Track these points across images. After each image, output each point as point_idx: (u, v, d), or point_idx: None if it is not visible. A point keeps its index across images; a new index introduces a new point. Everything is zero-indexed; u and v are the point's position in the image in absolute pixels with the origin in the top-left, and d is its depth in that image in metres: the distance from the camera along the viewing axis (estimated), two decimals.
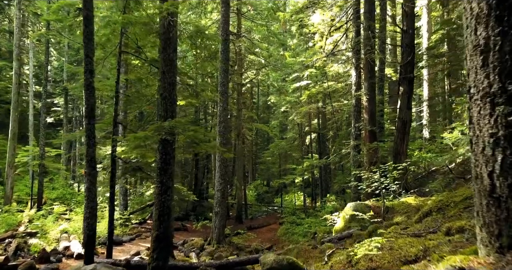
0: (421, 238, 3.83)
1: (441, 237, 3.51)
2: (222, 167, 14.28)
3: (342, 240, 7.73)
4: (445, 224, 3.83)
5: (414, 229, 4.60)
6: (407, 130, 12.27)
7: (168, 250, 6.75)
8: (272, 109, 39.38)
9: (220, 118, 14.44)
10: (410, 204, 8.11)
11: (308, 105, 23.46)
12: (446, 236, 3.49)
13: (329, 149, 26.80)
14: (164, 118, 6.83)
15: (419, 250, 3.16)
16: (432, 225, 4.63)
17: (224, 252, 13.68)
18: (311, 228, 16.19)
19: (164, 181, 6.81)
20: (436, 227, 4.29)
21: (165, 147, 6.83)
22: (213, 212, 14.37)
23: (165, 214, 6.71)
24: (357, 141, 12.94)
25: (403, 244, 3.54)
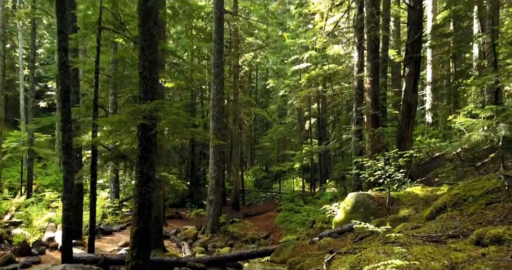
0: (441, 246, 3.13)
1: (469, 247, 2.81)
2: (216, 153, 13.57)
3: (342, 234, 7.07)
4: (474, 230, 3.13)
5: (429, 230, 3.89)
6: (413, 115, 11.50)
7: (149, 247, 6.10)
8: (271, 93, 38.47)
9: (213, 102, 13.65)
10: (417, 195, 7.42)
11: (308, 89, 22.59)
12: (476, 245, 2.80)
13: (329, 134, 26.08)
14: (143, 100, 6.06)
15: (444, 266, 2.46)
16: (450, 225, 3.92)
17: (219, 242, 13.12)
18: (310, 216, 15.62)
19: (145, 171, 6.08)
20: (457, 229, 3.58)
21: (145, 133, 6.09)
22: (207, 200, 13.74)
23: (145, 208, 6.02)
24: (358, 126, 12.18)
25: (421, 255, 2.84)
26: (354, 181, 12.02)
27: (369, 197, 7.72)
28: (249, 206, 22.66)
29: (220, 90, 13.68)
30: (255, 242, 13.53)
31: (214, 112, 13.59)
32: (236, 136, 21.00)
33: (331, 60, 21.35)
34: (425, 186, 8.04)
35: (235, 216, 18.62)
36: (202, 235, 13.50)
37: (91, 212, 8.24)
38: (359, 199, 7.75)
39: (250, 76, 31.98)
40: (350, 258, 3.73)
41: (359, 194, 7.89)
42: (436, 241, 3.27)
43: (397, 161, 7.85)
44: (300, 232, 14.05)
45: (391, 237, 4.42)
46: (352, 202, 7.84)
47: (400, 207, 7.18)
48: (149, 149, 6.16)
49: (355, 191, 11.85)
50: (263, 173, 35.66)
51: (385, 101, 16.88)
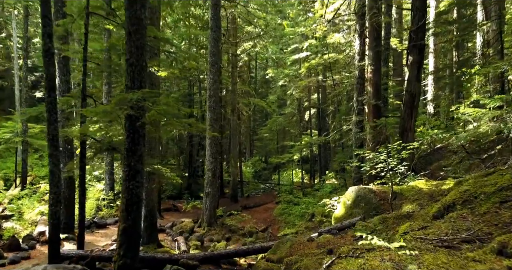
0: (456, 253, 2.77)
1: (491, 257, 2.45)
2: (212, 145, 13.19)
3: (342, 230, 6.73)
4: (493, 235, 2.77)
5: (438, 232, 3.53)
6: (416, 105, 11.09)
7: (137, 245, 5.76)
8: (270, 83, 37.97)
9: (210, 92, 13.21)
10: (421, 189, 7.06)
11: (308, 78, 22.12)
12: (498, 256, 2.44)
13: (329, 125, 25.69)
14: (131, 89, 5.65)
15: None
16: (462, 226, 3.56)
17: (215, 235, 12.83)
18: (309, 209, 15.33)
19: (133, 164, 5.71)
20: (471, 232, 3.21)
21: (133, 124, 5.69)
22: (204, 192, 13.41)
23: (134, 204, 5.66)
24: (359, 117, 11.78)
25: (434, 266, 2.48)
26: (354, 173, 11.67)
27: (371, 192, 7.36)
28: (248, 198, 22.39)
29: (217, 80, 13.24)
30: (252, 235, 13.24)
31: (210, 103, 13.17)
32: (235, 127, 20.61)
33: (332, 49, 20.84)
34: (429, 180, 7.68)
35: (233, 208, 18.35)
36: (198, 228, 13.21)
37: (80, 208, 7.88)
38: (360, 194, 7.40)
39: (249, 66, 31.46)
40: (351, 265, 3.37)
41: (360, 188, 7.54)
42: (448, 246, 2.91)
43: (400, 154, 7.48)
44: (299, 226, 13.76)
45: (396, 238, 4.07)
46: (353, 197, 7.49)
47: (403, 202, 6.83)
48: (137, 141, 5.77)
49: (355, 184, 11.52)
50: (262, 164, 35.36)
51: (386, 92, 16.44)
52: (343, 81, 19.78)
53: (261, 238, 13.26)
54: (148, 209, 10.22)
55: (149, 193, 10.21)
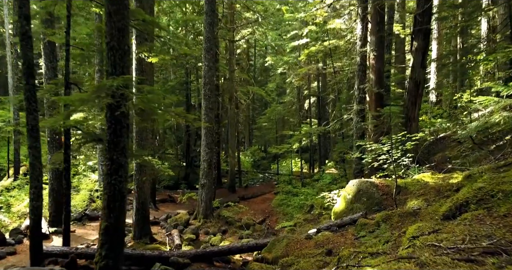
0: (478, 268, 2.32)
1: None
2: (208, 135, 12.71)
3: (343, 227, 6.30)
4: None
5: (453, 237, 3.07)
6: (420, 93, 10.60)
7: (121, 245, 5.33)
8: (270, 71, 37.30)
9: (205, 79, 12.67)
10: (427, 183, 6.61)
11: (307, 66, 21.49)
12: None
13: (329, 113, 25.17)
14: (112, 75, 5.15)
15: None
16: (480, 230, 3.10)
17: (211, 228, 12.46)
18: (308, 200, 14.95)
19: (115, 158, 5.24)
20: (494, 240, 2.76)
21: (114, 114, 5.20)
22: (199, 184, 12.99)
23: (116, 200, 5.21)
24: (361, 105, 11.27)
25: None
26: (355, 164, 11.22)
27: (373, 185, 6.92)
28: (246, 188, 22.01)
29: (212, 67, 12.68)
30: (249, 227, 12.87)
31: (205, 91, 12.64)
32: (232, 116, 20.09)
33: (332, 35, 20.17)
34: (435, 172, 7.23)
35: (231, 198, 17.98)
36: (194, 221, 12.83)
37: (65, 202, 7.45)
38: (361, 187, 6.95)
39: (248, 53, 30.76)
40: None
41: (361, 182, 7.09)
42: (469, 259, 2.45)
43: (404, 145, 7.01)
44: (297, 218, 13.38)
45: (403, 242, 3.62)
46: (354, 191, 7.05)
47: (408, 197, 6.38)
48: (119, 132, 5.29)
49: (356, 175, 11.08)
50: (261, 153, 34.94)
51: (388, 79, 15.90)
52: (344, 69, 19.19)
53: (258, 230, 12.90)
54: (140, 202, 9.81)
55: (140, 186, 9.78)
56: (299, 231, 11.37)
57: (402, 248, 3.50)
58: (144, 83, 9.62)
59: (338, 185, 14.40)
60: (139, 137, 9.72)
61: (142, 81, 9.63)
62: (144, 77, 9.67)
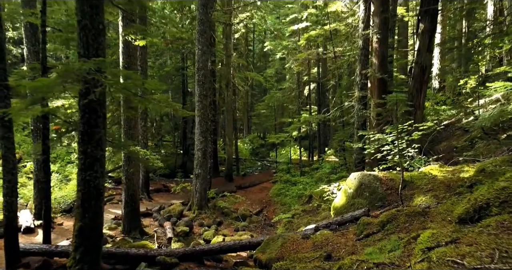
0: None
1: None
2: (202, 122, 12.14)
3: (343, 225, 5.79)
4: None
5: (478, 253, 2.55)
6: (426, 79, 9.99)
7: (97, 247, 4.82)
8: (269, 57, 36.47)
9: (199, 64, 12.01)
10: (435, 177, 6.07)
11: (307, 51, 20.75)
12: None
13: (329, 100, 24.53)
14: (84, 58, 4.54)
15: None
16: (510, 244, 2.57)
17: (206, 219, 12.01)
18: (306, 190, 14.48)
19: (89, 151, 4.68)
20: None
21: (89, 102, 4.62)
22: (193, 174, 12.48)
23: (92, 198, 4.68)
24: (363, 92, 10.65)
25: None
26: (356, 154, 10.68)
27: (376, 179, 6.38)
28: (244, 177, 21.55)
29: (206, 51, 12.01)
30: (246, 219, 12.43)
31: (199, 76, 12.01)
32: (229, 103, 19.46)
33: (333, 19, 19.38)
34: (443, 165, 6.68)
35: (228, 188, 17.53)
36: (188, 212, 12.37)
37: (45, 198, 6.93)
38: (363, 181, 6.42)
39: (246, 38, 29.89)
40: None
41: (363, 175, 6.55)
42: None
43: (411, 135, 6.44)
44: (295, 209, 12.93)
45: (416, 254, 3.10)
46: (355, 184, 6.52)
47: (414, 192, 5.85)
48: (94, 122, 4.71)
49: (357, 166, 10.56)
50: (260, 140, 34.41)
51: (391, 65, 15.25)
52: (345, 54, 18.47)
53: (255, 222, 12.46)
54: (129, 194, 9.31)
55: (129, 177, 9.27)
56: (296, 224, 10.92)
57: (414, 261, 2.97)
58: (131, 68, 9.00)
59: (338, 175, 13.91)
60: (127, 125, 9.15)
61: (130, 66, 9.02)
62: (132, 61, 9.05)
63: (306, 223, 10.79)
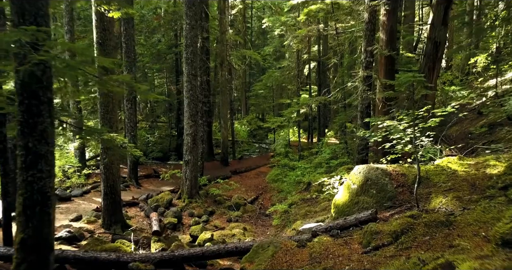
0: None
1: None
2: (192, 105, 11.14)
3: (346, 230, 4.91)
4: None
5: None
6: (440, 56, 8.94)
7: (46, 261, 3.95)
8: (267, 34, 35.01)
9: (187, 40, 10.91)
10: (455, 173, 5.15)
11: (307, 27, 19.46)
12: None
13: (330, 79, 23.42)
14: (19, 26, 3.53)
15: None
16: None
17: (197, 209, 11.20)
18: (305, 176, 13.64)
19: (31, 146, 3.73)
20: None
21: (29, 85, 3.64)
22: (183, 160, 11.58)
23: (36, 204, 3.77)
24: (368, 71, 9.59)
25: None
26: (359, 140, 9.73)
27: (385, 174, 5.46)
28: (240, 160, 20.71)
29: (195, 26, 10.88)
30: (239, 208, 11.63)
31: (187, 54, 10.93)
32: (224, 83, 18.36)
33: None
34: (463, 157, 5.74)
35: (223, 172, 16.71)
36: (178, 201, 11.54)
37: (3, 194, 6.03)
38: (370, 176, 5.50)
39: (244, 15, 28.44)
40: None
41: (370, 169, 5.62)
42: None
43: (427, 122, 5.46)
44: (293, 197, 12.12)
45: None
46: (360, 180, 5.60)
47: (431, 191, 4.94)
48: (36, 110, 3.74)
49: (360, 153, 9.64)
50: (258, 122, 33.39)
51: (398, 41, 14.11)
52: (348, 30, 17.22)
53: (249, 211, 11.67)
54: (108, 185, 8.42)
55: (108, 166, 8.35)
56: (293, 215, 10.10)
57: None
58: (107, 44, 7.96)
59: (338, 160, 13.03)
60: (104, 109, 8.17)
61: (104, 42, 7.97)
62: (107, 37, 7.97)
63: (303, 214, 9.98)
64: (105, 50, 8.01)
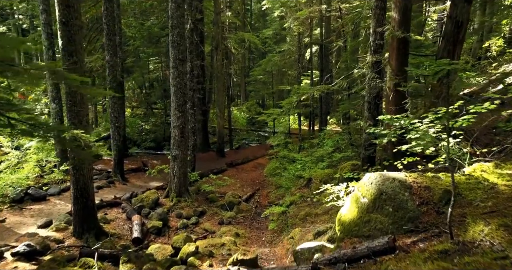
0: None
1: None
2: (179, 93, 9.97)
3: (355, 263, 3.82)
4: None
5: None
6: (462, 38, 7.69)
7: None
8: (267, 17, 33.43)
9: (172, 21, 9.66)
10: (495, 187, 4.04)
11: (309, 8, 18.05)
12: None
13: (332, 64, 22.06)
14: None
15: None
16: None
17: (186, 209, 10.19)
18: (305, 171, 12.57)
19: None
20: None
21: None
22: (170, 155, 10.49)
23: None
24: (377, 56, 8.36)
25: None
26: (366, 134, 8.58)
27: (403, 186, 4.33)
28: (238, 150, 19.63)
29: (181, 4, 9.61)
30: (233, 207, 10.61)
31: (173, 37, 9.70)
32: (219, 68, 17.10)
33: None
34: (500, 164, 4.60)
35: (218, 164, 15.66)
36: (165, 200, 10.51)
37: None
38: (385, 189, 4.38)
39: None
40: None
41: (384, 179, 4.49)
42: None
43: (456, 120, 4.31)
44: (292, 194, 11.09)
45: None
46: (373, 192, 4.49)
47: (465, 212, 3.83)
48: None
49: (367, 150, 8.53)
50: (258, 108, 32.17)
51: None
52: (353, 11, 15.82)
53: (244, 210, 10.65)
54: (79, 187, 7.36)
55: (77, 166, 7.26)
56: (292, 218, 9.05)
57: None
58: (71, 24, 6.76)
59: (342, 154, 11.90)
60: (71, 101, 7.02)
61: (69, 21, 6.77)
62: (71, 15, 6.75)
63: (303, 217, 8.92)
64: (70, 31, 6.81)
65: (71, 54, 6.93)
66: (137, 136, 20.67)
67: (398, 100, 7.95)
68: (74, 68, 6.97)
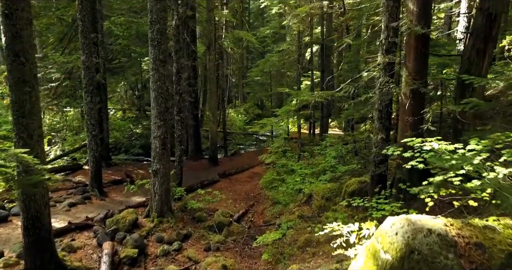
0: None
1: None
2: (160, 99, 8.67)
3: None
4: None
5: None
6: (494, 34, 6.40)
7: None
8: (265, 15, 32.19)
9: (152, 15, 8.37)
10: None
11: (309, 4, 16.75)
12: None
13: (333, 64, 20.74)
14: None
15: None
16: None
17: (169, 231, 8.89)
18: (305, 183, 11.27)
19: None
20: None
21: None
22: (151, 170, 9.18)
23: None
24: (389, 56, 7.04)
25: None
26: (377, 148, 7.27)
27: (445, 244, 3.02)
28: (232, 157, 18.33)
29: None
30: (223, 229, 9.29)
31: (153, 34, 8.42)
32: (212, 69, 15.78)
33: None
34: None
35: (210, 174, 14.40)
36: (145, 219, 9.19)
37: None
38: (418, 246, 3.08)
39: None
40: None
41: (416, 230, 3.18)
42: None
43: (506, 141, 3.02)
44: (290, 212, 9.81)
45: None
46: (398, 248, 3.19)
47: None
48: None
49: (377, 167, 7.22)
50: (257, 110, 30.86)
51: None
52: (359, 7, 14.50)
53: (235, 233, 9.34)
54: (29, 216, 6.06)
55: (27, 191, 5.96)
56: (288, 248, 7.75)
57: None
58: (17, 16, 5.48)
59: (347, 167, 10.60)
60: (18, 110, 5.72)
61: (13, 13, 5.50)
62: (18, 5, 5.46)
63: (302, 245, 7.59)
64: (15, 25, 5.53)
65: (17, 54, 5.63)
66: (126, 141, 19.42)
67: (416, 109, 6.67)
68: (21, 71, 5.71)
